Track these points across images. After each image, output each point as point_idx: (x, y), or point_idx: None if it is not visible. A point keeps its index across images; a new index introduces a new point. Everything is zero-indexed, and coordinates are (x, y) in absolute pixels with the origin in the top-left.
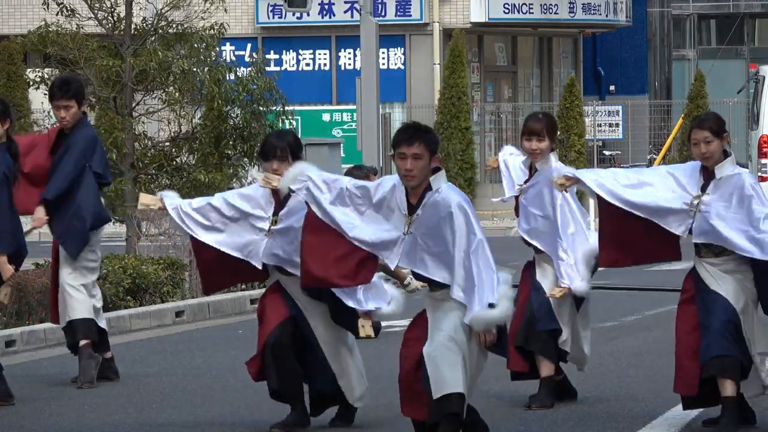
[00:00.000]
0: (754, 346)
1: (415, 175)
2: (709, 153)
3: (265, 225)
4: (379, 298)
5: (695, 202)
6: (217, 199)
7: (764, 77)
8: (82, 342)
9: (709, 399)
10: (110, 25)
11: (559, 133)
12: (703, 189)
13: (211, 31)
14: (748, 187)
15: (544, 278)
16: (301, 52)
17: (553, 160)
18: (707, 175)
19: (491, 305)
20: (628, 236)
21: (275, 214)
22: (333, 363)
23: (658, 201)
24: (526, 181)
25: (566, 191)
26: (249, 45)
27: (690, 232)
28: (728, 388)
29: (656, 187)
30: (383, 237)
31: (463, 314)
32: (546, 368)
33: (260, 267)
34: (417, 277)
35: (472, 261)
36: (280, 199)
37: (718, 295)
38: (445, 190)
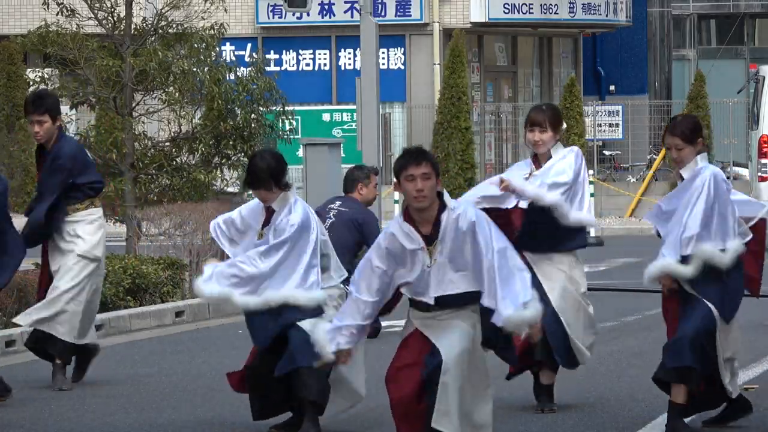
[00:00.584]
0: (725, 351)
1: (426, 195)
2: (679, 158)
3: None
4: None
5: (663, 198)
6: (236, 212)
7: (764, 77)
8: (59, 361)
9: (702, 404)
10: (110, 25)
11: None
12: None
13: (211, 31)
14: (699, 184)
15: (546, 281)
16: (301, 52)
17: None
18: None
19: (525, 304)
20: None
21: (262, 228)
22: None
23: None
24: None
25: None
26: (249, 45)
27: None
28: (680, 395)
29: None
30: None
31: (473, 333)
32: (547, 377)
33: None
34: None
35: (499, 262)
36: (270, 215)
37: (700, 301)
38: (458, 206)
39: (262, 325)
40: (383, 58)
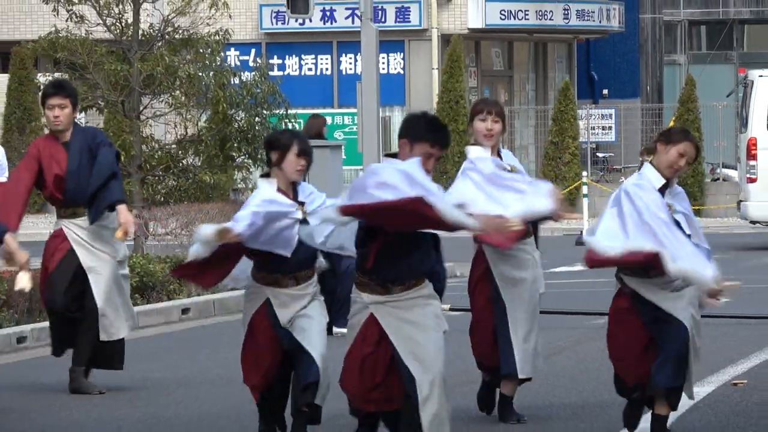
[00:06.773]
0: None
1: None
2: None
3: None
4: None
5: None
6: None
7: (753, 81)
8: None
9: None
10: (118, 31)
11: (554, 135)
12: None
13: (216, 37)
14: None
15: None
16: (303, 57)
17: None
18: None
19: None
20: None
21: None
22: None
23: None
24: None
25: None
26: (253, 50)
27: None
28: (664, 409)
29: None
30: None
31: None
32: (509, 387)
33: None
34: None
35: None
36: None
37: (676, 319)
38: None
39: None
40: (383, 63)
